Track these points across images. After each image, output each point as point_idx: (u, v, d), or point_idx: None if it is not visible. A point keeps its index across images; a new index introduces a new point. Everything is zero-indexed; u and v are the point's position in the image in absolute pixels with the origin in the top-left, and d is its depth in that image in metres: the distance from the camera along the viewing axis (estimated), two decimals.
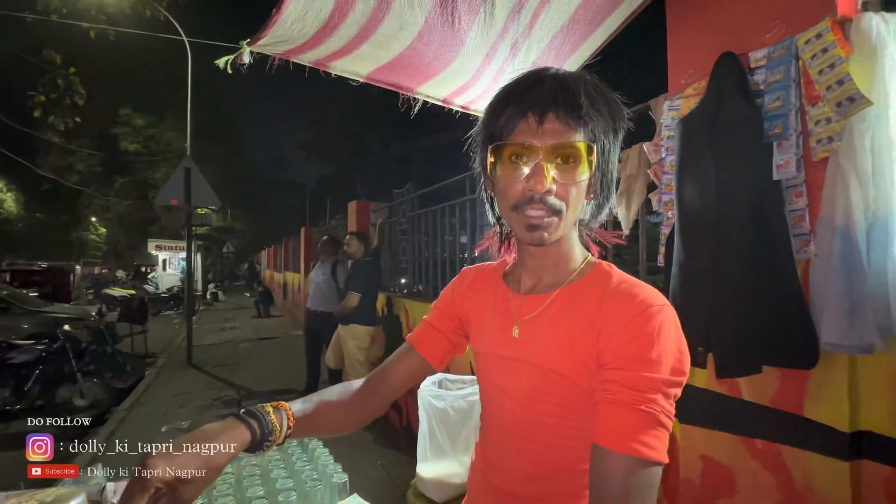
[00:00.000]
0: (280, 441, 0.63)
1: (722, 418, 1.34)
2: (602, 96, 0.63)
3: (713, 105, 1.26)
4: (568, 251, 0.69)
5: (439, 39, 1.55)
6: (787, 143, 1.15)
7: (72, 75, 4.97)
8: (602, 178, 0.66)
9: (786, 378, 1.19)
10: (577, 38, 1.68)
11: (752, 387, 1.27)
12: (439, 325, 0.83)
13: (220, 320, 11.38)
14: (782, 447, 1.20)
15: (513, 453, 0.70)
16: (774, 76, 1.19)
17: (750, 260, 1.15)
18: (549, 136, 0.60)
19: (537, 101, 0.60)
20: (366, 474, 3.05)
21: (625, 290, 0.61)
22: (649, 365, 0.54)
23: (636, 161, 1.75)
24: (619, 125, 0.65)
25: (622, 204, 1.79)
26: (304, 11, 1.33)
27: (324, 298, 4.55)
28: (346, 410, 0.77)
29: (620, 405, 0.54)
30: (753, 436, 1.26)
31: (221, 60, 1.49)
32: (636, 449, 0.51)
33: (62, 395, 4.73)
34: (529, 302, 0.70)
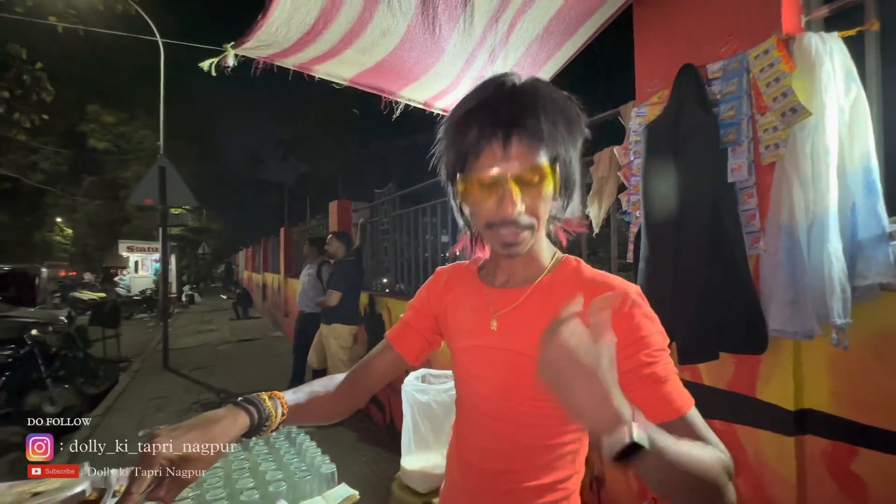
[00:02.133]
0: (275, 427, 0.68)
1: None
2: (559, 108, 0.65)
3: (675, 113, 1.37)
4: (538, 249, 0.75)
5: (420, 46, 1.62)
6: (740, 148, 1.26)
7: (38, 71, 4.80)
8: (565, 181, 0.70)
9: (740, 363, 1.31)
10: (552, 47, 1.77)
11: (711, 372, 1.38)
12: (415, 324, 0.88)
13: (197, 322, 11.12)
14: (738, 426, 1.32)
15: (488, 433, 0.76)
16: (729, 87, 1.30)
17: (707, 255, 1.26)
18: (515, 162, 0.63)
19: (499, 124, 0.62)
20: (350, 471, 3.08)
21: (599, 283, 0.69)
22: (652, 338, 0.63)
23: (607, 164, 1.85)
24: (576, 133, 0.67)
25: (594, 204, 1.89)
26: (289, 17, 1.37)
27: (309, 299, 4.55)
28: (332, 401, 0.82)
29: (655, 380, 0.61)
30: (713, 418, 1.37)
31: (206, 63, 1.51)
32: (684, 405, 0.60)
33: (31, 401, 4.56)
34: (506, 296, 0.75)
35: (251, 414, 0.65)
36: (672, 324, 1.29)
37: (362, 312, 4.23)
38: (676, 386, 0.62)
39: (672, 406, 0.60)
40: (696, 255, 1.27)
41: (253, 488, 1.13)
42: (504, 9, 1.47)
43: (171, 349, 6.47)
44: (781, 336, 1.17)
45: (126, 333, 7.75)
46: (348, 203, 5.39)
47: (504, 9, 1.47)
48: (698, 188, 1.28)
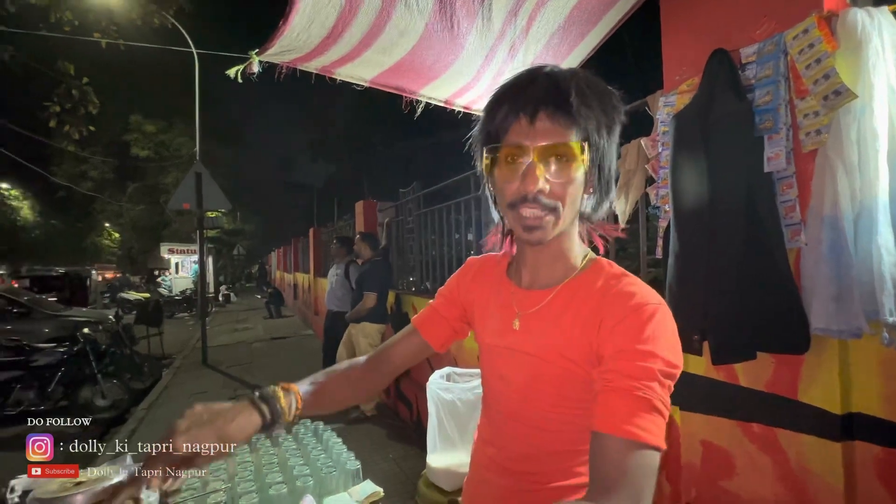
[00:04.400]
0: (290, 419, 0.69)
1: (721, 404, 1.39)
2: (595, 92, 0.63)
3: (706, 100, 1.30)
4: (567, 248, 0.71)
5: (439, 44, 1.61)
6: (778, 136, 1.19)
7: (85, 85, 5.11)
8: (599, 173, 0.66)
9: (780, 363, 1.24)
10: (574, 38, 1.72)
11: (748, 373, 1.31)
12: (444, 311, 0.87)
13: (233, 321, 11.58)
14: (778, 430, 1.25)
15: (509, 435, 0.75)
16: (764, 71, 1.23)
17: (742, 250, 1.19)
18: (540, 137, 0.61)
19: (529, 101, 0.62)
20: (378, 467, 3.13)
21: (623, 289, 0.64)
22: (645, 356, 0.57)
23: (635, 156, 1.79)
24: (613, 119, 0.65)
25: (620, 198, 1.83)
26: (309, 22, 1.40)
27: (337, 298, 4.65)
28: (352, 386, 0.83)
29: (618, 391, 0.56)
30: (751, 420, 1.31)
31: (232, 70, 1.56)
32: (633, 432, 0.53)
33: (84, 395, 4.86)
34: (531, 297, 0.73)
35: (263, 413, 0.65)
36: (704, 322, 1.24)
37: (389, 311, 4.28)
38: (644, 412, 0.54)
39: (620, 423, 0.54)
40: (730, 249, 1.20)
41: (281, 482, 1.17)
42: (523, 1, 1.44)
43: (209, 347, 6.77)
44: (825, 335, 1.10)
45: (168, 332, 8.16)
46: (374, 203, 5.46)
47: (523, 1, 1.44)
48: (731, 179, 1.22)
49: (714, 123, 1.26)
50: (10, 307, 6.56)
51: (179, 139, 17.47)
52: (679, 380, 0.60)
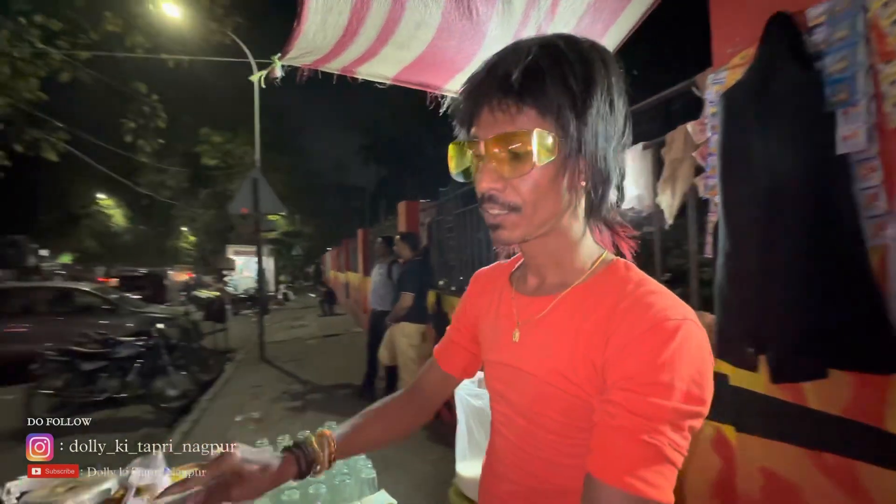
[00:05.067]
0: (327, 466, 0.70)
1: (784, 428, 1.19)
2: (558, 63, 0.51)
3: (761, 73, 1.11)
4: (571, 248, 0.61)
5: (459, 33, 1.53)
6: (855, 109, 0.98)
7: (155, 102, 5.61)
8: (586, 160, 0.55)
9: (861, 384, 1.02)
10: (609, 16, 1.57)
11: (819, 393, 1.11)
12: (457, 337, 0.82)
13: (290, 319, 12.22)
14: (859, 464, 1.04)
15: (517, 467, 0.65)
16: (837, 33, 1.02)
17: (809, 248, 1.00)
18: (489, 128, 0.54)
19: (481, 88, 0.54)
20: (416, 468, 3.11)
21: (639, 298, 0.53)
22: (659, 389, 0.47)
23: (681, 144, 1.60)
24: (590, 91, 0.52)
25: (666, 191, 1.65)
26: (323, 21, 1.38)
27: (380, 298, 4.72)
28: (388, 425, 0.80)
29: (620, 431, 0.47)
30: (822, 449, 1.10)
31: (255, 76, 1.58)
32: (632, 485, 0.45)
33: (158, 385, 5.32)
34: (534, 304, 0.64)
35: (299, 463, 0.66)
36: (760, 333, 1.06)
37: (430, 311, 4.26)
38: (649, 460, 0.45)
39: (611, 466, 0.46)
40: (794, 247, 1.02)
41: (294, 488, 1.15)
42: None
43: (267, 343, 7.17)
44: None
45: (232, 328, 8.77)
46: (416, 203, 5.48)
47: None
48: (794, 164, 1.03)
49: (772, 99, 1.07)
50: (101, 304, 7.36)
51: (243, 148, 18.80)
52: (735, 395, 0.48)
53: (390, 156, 24.92)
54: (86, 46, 5.22)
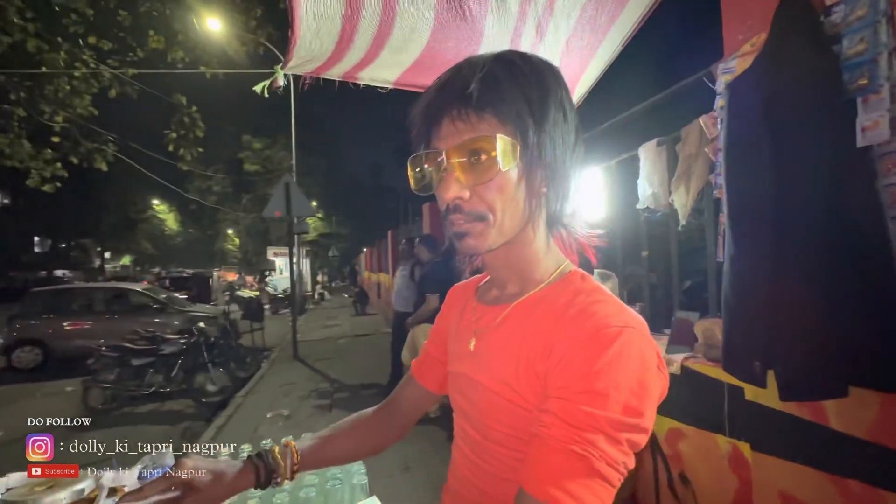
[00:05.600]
0: (288, 476, 0.69)
1: (804, 449, 1.08)
2: (512, 74, 0.53)
3: (772, 60, 1.01)
4: (532, 258, 0.60)
5: (455, 34, 1.50)
6: (877, 96, 0.87)
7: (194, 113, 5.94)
8: (542, 169, 0.55)
9: (889, 405, 0.91)
10: (614, 7, 1.49)
11: (842, 413, 0.99)
12: (433, 351, 0.80)
13: (325, 318, 12.57)
14: (887, 494, 0.92)
15: (467, 481, 0.63)
16: (856, 12, 0.91)
17: (824, 253, 0.90)
18: (450, 137, 0.53)
19: (437, 101, 0.54)
20: (434, 470, 3.10)
21: (585, 307, 0.52)
22: (593, 397, 0.45)
23: (696, 139, 1.50)
24: (545, 102, 0.53)
25: (679, 189, 1.54)
26: (316, 29, 1.39)
27: (403, 299, 4.76)
28: (360, 439, 0.79)
29: (551, 442, 0.45)
30: (847, 475, 0.99)
31: (258, 86, 1.63)
32: (556, 497, 0.43)
33: (198, 381, 5.62)
34: (490, 313, 0.63)
35: (258, 471, 0.66)
36: (769, 346, 0.97)
37: None
38: (578, 473, 0.43)
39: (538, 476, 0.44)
40: (807, 251, 0.92)
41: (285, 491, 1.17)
42: None
43: (300, 341, 7.40)
44: None
45: (270, 327, 9.14)
46: None
47: None
48: (808, 159, 0.93)
49: (783, 88, 0.98)
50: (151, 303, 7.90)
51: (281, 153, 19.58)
52: (750, 411, 0.45)
53: None
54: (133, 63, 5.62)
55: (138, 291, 8.24)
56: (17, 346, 7.17)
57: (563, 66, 1.75)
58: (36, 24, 5.08)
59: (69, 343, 7.20)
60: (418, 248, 4.18)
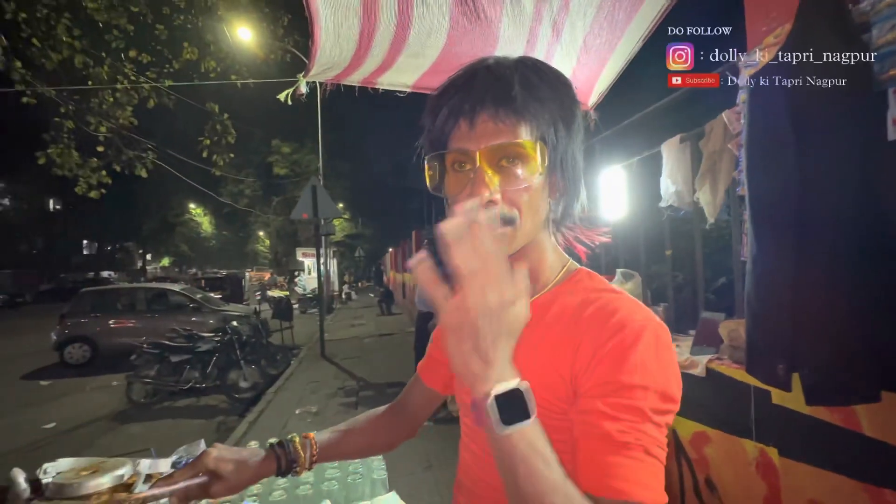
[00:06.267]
0: (307, 467, 0.73)
1: (835, 456, 1.03)
2: (546, 81, 0.54)
3: (796, 51, 0.98)
4: (538, 259, 0.61)
5: (471, 37, 1.52)
6: None
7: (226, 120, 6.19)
8: (562, 174, 0.57)
9: None
10: (630, 4, 1.47)
11: (876, 419, 0.95)
12: (437, 353, 0.82)
13: (351, 318, 12.82)
14: None
15: (479, 478, 0.64)
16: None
17: (853, 253, 0.86)
18: (484, 138, 0.53)
19: (468, 100, 0.54)
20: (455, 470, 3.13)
21: (603, 305, 0.53)
22: (632, 390, 0.47)
23: (720, 135, 1.45)
24: (571, 112, 0.56)
25: (704, 186, 1.50)
26: (336, 38, 1.44)
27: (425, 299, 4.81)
28: (372, 436, 0.83)
29: (601, 438, 0.46)
30: (881, 484, 0.94)
31: (282, 94, 1.69)
32: (623, 490, 0.43)
33: (232, 378, 5.84)
34: None
35: (279, 460, 0.70)
36: (793, 348, 0.94)
37: None
38: (639, 465, 0.44)
39: (606, 479, 0.44)
40: (834, 252, 0.88)
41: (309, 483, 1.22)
42: None
43: (327, 340, 7.58)
44: None
45: (299, 326, 9.39)
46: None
47: None
48: (836, 154, 0.89)
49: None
50: (188, 303, 8.27)
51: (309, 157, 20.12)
52: (777, 415, 0.46)
53: None
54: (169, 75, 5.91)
55: (176, 291, 8.64)
56: (68, 342, 7.65)
57: (581, 64, 1.74)
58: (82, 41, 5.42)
59: (115, 340, 7.63)
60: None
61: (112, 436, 4.73)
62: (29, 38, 5.31)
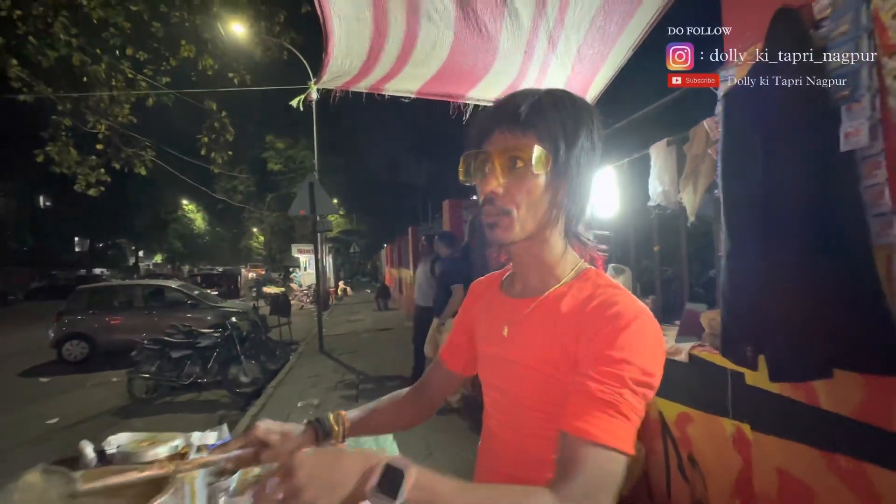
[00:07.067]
0: (340, 440, 0.83)
1: (798, 428, 1.17)
2: (554, 106, 0.66)
3: (764, 71, 1.10)
4: (551, 258, 0.73)
5: (473, 48, 1.63)
6: (858, 105, 0.96)
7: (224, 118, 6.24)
8: (567, 181, 0.67)
9: (872, 386, 1.00)
10: (621, 18, 1.58)
11: (831, 394, 1.08)
12: (457, 339, 0.93)
13: (348, 313, 12.89)
14: (868, 466, 1.01)
15: (503, 442, 0.76)
16: (840, 27, 1.00)
17: (810, 248, 0.99)
18: (496, 143, 0.67)
19: (492, 116, 0.68)
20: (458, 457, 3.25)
21: (605, 300, 0.64)
22: (618, 362, 0.58)
23: (702, 140, 1.58)
24: (576, 131, 0.66)
25: (687, 188, 1.63)
26: (347, 50, 1.54)
27: (424, 294, 4.92)
28: (396, 414, 0.93)
29: (585, 394, 0.58)
30: (835, 451, 1.08)
31: (294, 101, 1.79)
32: (590, 431, 0.54)
33: (232, 373, 5.90)
34: (518, 305, 0.75)
35: (317, 433, 0.81)
36: (760, 333, 1.07)
37: None
38: (610, 416, 0.55)
39: (577, 422, 0.55)
40: (794, 247, 1.01)
41: None
42: None
43: (325, 336, 7.67)
44: None
45: (297, 321, 9.44)
46: (458, 201, 5.61)
47: None
48: (796, 164, 1.02)
49: (775, 96, 1.07)
50: (185, 299, 8.29)
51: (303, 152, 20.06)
52: (748, 395, 0.56)
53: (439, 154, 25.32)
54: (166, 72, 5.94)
55: (173, 288, 8.66)
56: (66, 339, 7.66)
57: (575, 72, 1.86)
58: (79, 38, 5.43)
59: (113, 337, 7.64)
60: (437, 244, 4.32)
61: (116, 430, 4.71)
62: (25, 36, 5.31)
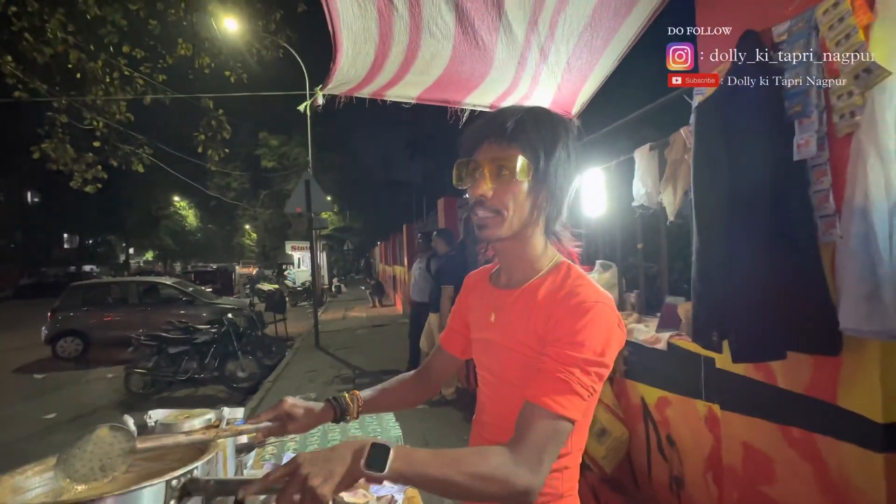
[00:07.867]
0: (355, 416, 0.96)
1: (760, 405, 1.32)
2: (535, 122, 0.76)
3: (730, 88, 1.24)
4: (530, 252, 0.84)
5: (470, 59, 1.75)
6: (808, 120, 1.10)
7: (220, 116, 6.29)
8: (547, 187, 0.77)
9: (818, 365, 1.15)
10: (607, 32, 1.71)
11: (786, 374, 1.23)
12: (454, 326, 1.05)
13: (343, 310, 12.99)
14: (817, 436, 1.16)
15: (490, 413, 0.90)
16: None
17: (767, 244, 1.13)
18: (487, 153, 0.77)
19: (481, 129, 0.79)
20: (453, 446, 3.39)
21: (571, 289, 0.75)
22: (573, 346, 0.68)
23: (680, 146, 1.72)
24: (554, 144, 0.76)
25: (667, 189, 1.77)
26: (354, 60, 1.66)
27: (420, 290, 5.04)
28: (402, 394, 1.06)
29: (544, 372, 0.69)
30: (790, 424, 1.23)
31: (301, 106, 1.90)
32: (546, 402, 0.66)
33: (229, 368, 5.98)
34: (504, 295, 0.88)
35: (335, 409, 0.93)
36: (724, 320, 1.21)
37: None
38: (561, 390, 0.67)
39: (534, 392, 0.68)
40: (753, 244, 1.15)
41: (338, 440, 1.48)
42: (539, 11, 1.51)
43: (321, 332, 7.77)
44: (857, 336, 1.01)
45: (291, 318, 9.52)
46: (454, 199, 5.72)
47: (539, 11, 1.51)
48: (755, 170, 1.16)
49: (738, 111, 1.20)
50: (180, 296, 8.32)
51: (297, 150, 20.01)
52: (718, 377, 0.67)
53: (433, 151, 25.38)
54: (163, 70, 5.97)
55: (168, 285, 8.69)
56: (60, 336, 7.67)
57: (565, 81, 1.99)
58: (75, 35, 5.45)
59: (107, 333, 7.66)
60: (435, 241, 4.44)
61: None
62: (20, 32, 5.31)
